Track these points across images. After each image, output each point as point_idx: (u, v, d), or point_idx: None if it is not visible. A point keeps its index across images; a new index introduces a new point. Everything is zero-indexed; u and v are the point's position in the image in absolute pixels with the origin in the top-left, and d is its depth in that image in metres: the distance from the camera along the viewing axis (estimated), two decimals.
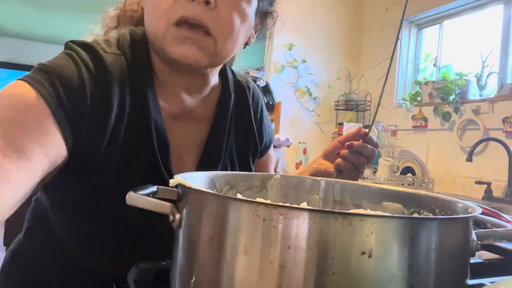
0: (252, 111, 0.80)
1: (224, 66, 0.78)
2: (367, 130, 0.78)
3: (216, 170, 0.73)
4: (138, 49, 0.66)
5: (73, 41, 0.64)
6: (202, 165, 0.71)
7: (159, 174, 0.65)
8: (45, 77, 0.57)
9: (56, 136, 0.55)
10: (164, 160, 0.66)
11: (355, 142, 0.77)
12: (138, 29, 0.70)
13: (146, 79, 0.65)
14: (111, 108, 0.60)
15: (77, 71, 0.59)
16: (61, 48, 0.66)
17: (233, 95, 0.77)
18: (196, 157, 0.72)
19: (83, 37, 0.76)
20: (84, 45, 0.63)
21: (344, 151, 0.78)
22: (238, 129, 0.78)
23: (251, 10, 0.66)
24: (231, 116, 0.76)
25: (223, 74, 0.78)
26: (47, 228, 0.71)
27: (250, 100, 0.81)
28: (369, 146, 0.78)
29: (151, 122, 0.64)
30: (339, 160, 0.78)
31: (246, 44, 0.73)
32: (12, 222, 3.52)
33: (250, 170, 0.81)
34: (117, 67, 0.62)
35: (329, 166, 0.83)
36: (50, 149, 0.54)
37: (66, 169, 0.59)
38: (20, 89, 0.55)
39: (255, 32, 0.75)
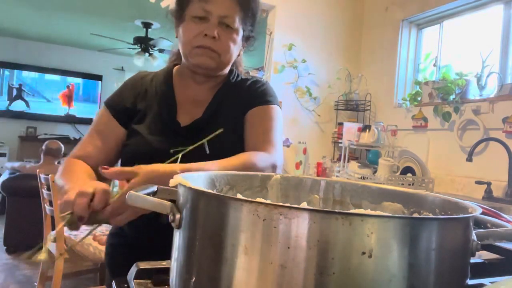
0: (244, 88, 1.12)
1: (233, 69, 1.15)
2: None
3: (214, 121, 1.03)
4: (168, 70, 1.15)
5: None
6: (205, 115, 1.05)
7: (174, 123, 1.04)
8: (111, 96, 1.12)
9: (116, 123, 1.07)
10: (174, 113, 1.06)
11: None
12: (171, 64, 1.18)
13: (167, 80, 1.12)
14: (136, 99, 1.09)
15: (119, 90, 1.12)
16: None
17: (233, 81, 1.12)
18: (202, 111, 1.06)
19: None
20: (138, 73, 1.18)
21: None
22: (232, 97, 1.10)
23: (239, 37, 1.05)
24: (228, 92, 1.10)
25: (230, 72, 1.14)
26: None
27: (248, 83, 1.13)
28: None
29: (167, 94, 1.08)
30: None
31: (238, 55, 1.12)
32: (12, 223, 3.55)
33: (240, 127, 1.05)
34: (148, 77, 1.14)
35: None
36: (115, 128, 1.06)
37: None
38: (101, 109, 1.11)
39: (243, 48, 1.13)
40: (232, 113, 1.07)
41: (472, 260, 0.44)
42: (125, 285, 0.52)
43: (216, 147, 0.97)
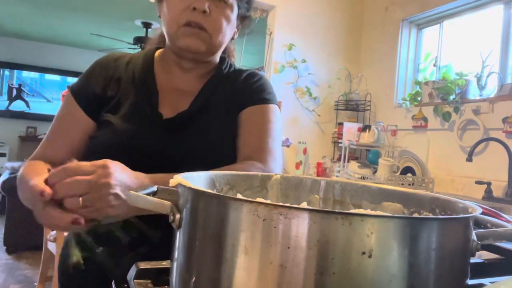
0: (239, 81, 0.98)
1: (225, 58, 1.01)
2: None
3: (202, 115, 0.91)
4: (149, 53, 0.99)
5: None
6: (192, 107, 0.90)
7: (156, 114, 0.88)
8: (77, 81, 0.94)
9: (82, 113, 0.89)
10: (155, 103, 0.90)
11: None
12: (154, 48, 1.01)
13: (147, 65, 0.95)
14: (107, 85, 0.92)
15: (87, 73, 0.94)
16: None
17: (226, 72, 0.98)
18: (189, 102, 0.92)
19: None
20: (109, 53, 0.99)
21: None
22: (225, 90, 0.96)
23: (233, 15, 0.91)
24: (219, 83, 0.96)
25: (222, 61, 0.99)
26: None
27: (244, 76, 0.99)
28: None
29: (148, 81, 0.92)
30: None
31: (232, 38, 0.98)
32: (12, 223, 3.56)
33: (232, 125, 0.92)
34: (123, 60, 0.96)
35: None
36: (81, 120, 0.89)
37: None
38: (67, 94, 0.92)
39: (238, 30, 0.99)
40: (223, 108, 0.93)
41: (472, 260, 0.44)
42: (125, 285, 0.52)
43: (203, 147, 0.86)
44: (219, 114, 0.92)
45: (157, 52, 0.99)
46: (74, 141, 0.87)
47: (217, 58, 0.97)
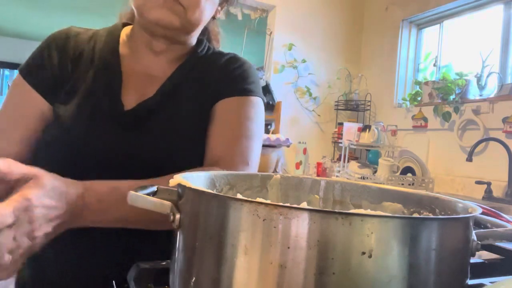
0: (217, 65, 0.84)
1: (203, 40, 0.87)
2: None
3: (169, 105, 0.78)
4: (113, 29, 0.84)
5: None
6: (158, 95, 0.77)
7: (117, 105, 0.74)
8: (28, 60, 0.78)
9: (38, 97, 0.75)
10: (117, 91, 0.76)
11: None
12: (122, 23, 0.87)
13: (110, 43, 0.80)
14: (67, 64, 0.77)
15: (41, 50, 0.78)
16: None
17: (202, 55, 0.84)
18: (156, 87, 0.79)
19: None
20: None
21: None
22: (200, 75, 0.82)
23: None
24: (194, 68, 0.82)
25: (199, 43, 0.86)
26: None
27: (223, 60, 0.85)
28: None
29: (110, 62, 0.78)
30: None
31: (213, 17, 0.85)
32: None
33: (206, 119, 0.78)
34: (82, 37, 0.81)
35: None
36: (38, 106, 0.74)
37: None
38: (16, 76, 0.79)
39: (221, 9, 0.86)
40: (196, 98, 0.79)
41: (472, 260, 0.44)
42: (125, 285, 0.52)
43: (169, 148, 0.73)
44: (191, 105, 0.78)
45: (124, 30, 0.84)
46: (30, 132, 0.73)
47: (193, 39, 0.84)
